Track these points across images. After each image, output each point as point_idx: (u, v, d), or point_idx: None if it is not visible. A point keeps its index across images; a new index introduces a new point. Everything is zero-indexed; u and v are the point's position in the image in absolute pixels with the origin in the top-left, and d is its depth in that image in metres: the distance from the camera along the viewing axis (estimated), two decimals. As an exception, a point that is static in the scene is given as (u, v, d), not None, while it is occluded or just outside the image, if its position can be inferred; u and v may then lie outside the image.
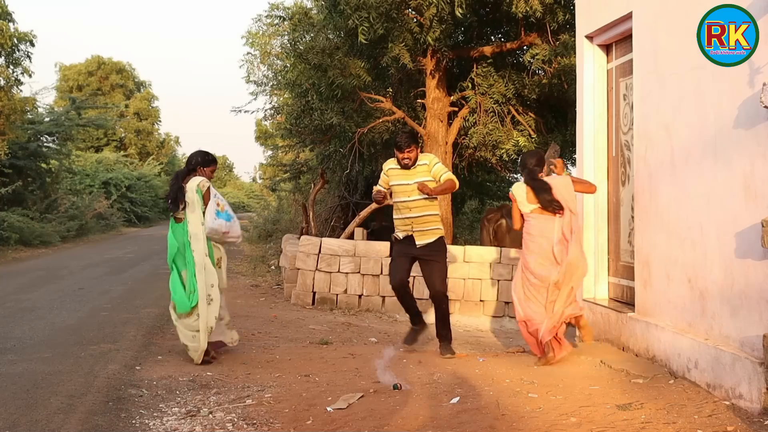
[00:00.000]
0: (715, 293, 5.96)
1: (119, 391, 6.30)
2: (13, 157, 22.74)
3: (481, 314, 11.36)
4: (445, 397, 5.95)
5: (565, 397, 5.87)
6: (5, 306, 10.68)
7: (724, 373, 5.65)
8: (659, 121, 6.86)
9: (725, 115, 5.79)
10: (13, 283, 13.33)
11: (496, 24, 15.57)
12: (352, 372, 7.04)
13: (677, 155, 6.55)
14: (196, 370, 7.06)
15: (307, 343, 8.66)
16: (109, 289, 12.75)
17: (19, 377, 6.62)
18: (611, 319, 7.75)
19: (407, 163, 7.69)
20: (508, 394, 6.01)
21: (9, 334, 8.60)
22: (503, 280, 11.20)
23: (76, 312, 10.25)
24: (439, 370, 6.97)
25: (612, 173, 8.38)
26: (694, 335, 6.18)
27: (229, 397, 6.18)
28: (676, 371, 6.35)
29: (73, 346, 8.01)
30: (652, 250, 7.02)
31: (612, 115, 8.38)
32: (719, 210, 5.90)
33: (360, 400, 5.92)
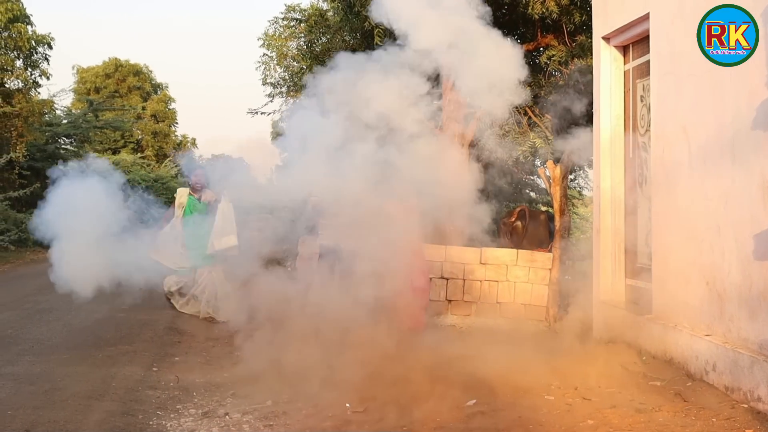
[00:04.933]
0: (733, 295, 5.93)
1: (136, 392, 6.33)
2: (31, 159, 22.87)
3: (498, 316, 11.32)
4: (461, 399, 5.93)
5: (582, 399, 5.85)
6: (23, 307, 10.73)
7: (742, 375, 5.62)
8: (677, 122, 6.83)
9: (743, 117, 5.75)
10: (31, 285, 13.39)
11: (512, 25, 15.52)
12: (370, 372, 7.02)
13: (695, 156, 6.52)
14: (213, 372, 7.08)
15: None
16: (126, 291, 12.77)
17: (37, 378, 6.66)
18: (628, 321, 7.71)
19: None
20: (525, 396, 5.98)
21: (27, 335, 8.65)
22: (520, 282, 11.16)
23: (93, 313, 10.28)
24: (454, 371, 6.95)
25: (629, 175, 8.35)
26: (712, 337, 6.15)
27: (246, 399, 6.18)
28: (693, 374, 6.31)
29: (90, 347, 8.06)
30: (669, 252, 6.99)
31: (629, 117, 8.35)
32: (737, 211, 5.87)
33: (377, 401, 5.91)
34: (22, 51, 21.12)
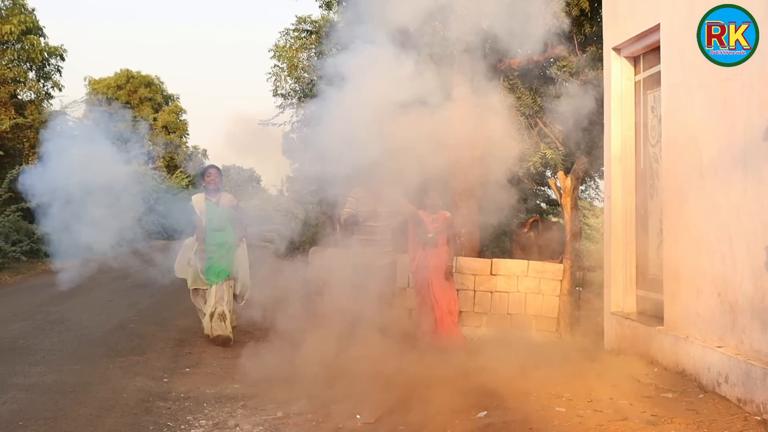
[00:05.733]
0: (746, 307, 5.90)
1: (147, 403, 6.34)
2: (43, 170, 22.96)
3: (509, 327, 11.29)
4: (472, 411, 5.92)
5: (593, 411, 5.82)
6: (35, 318, 10.76)
7: (755, 387, 5.58)
8: (688, 133, 6.81)
9: (755, 128, 5.74)
10: (42, 295, 13.43)
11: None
12: (381, 384, 7.02)
13: (706, 167, 6.50)
14: (224, 383, 7.09)
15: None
16: (137, 302, 12.80)
17: (48, 388, 6.68)
18: (639, 333, 7.68)
19: None
20: (536, 407, 5.97)
21: (39, 345, 8.67)
22: (530, 293, 11.13)
23: (104, 324, 10.31)
24: (466, 382, 6.93)
25: (640, 186, 8.33)
26: (725, 349, 6.11)
27: (256, 410, 6.18)
28: (705, 385, 6.28)
29: (101, 358, 8.07)
30: (680, 263, 6.96)
31: (640, 128, 8.33)
32: (749, 223, 5.85)
33: (388, 413, 5.90)
34: (34, 63, 21.26)
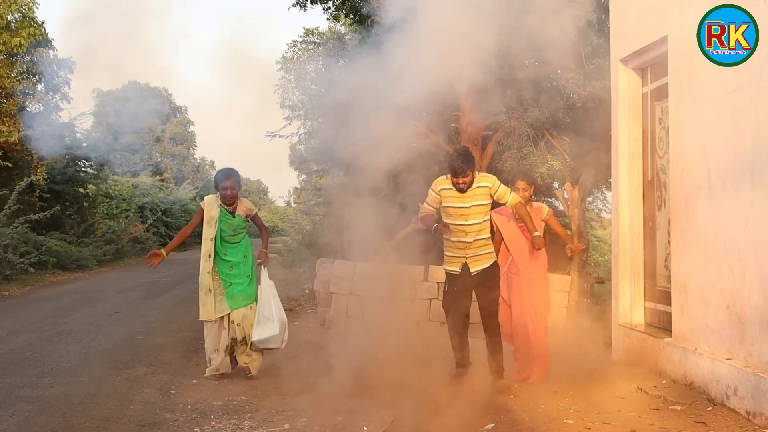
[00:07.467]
0: (755, 319, 5.88)
1: (154, 415, 6.33)
2: (51, 182, 23.05)
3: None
4: (479, 423, 5.90)
5: (601, 423, 5.80)
6: (43, 329, 10.78)
7: (764, 400, 5.56)
8: (695, 144, 6.80)
9: (763, 138, 5.73)
10: (50, 307, 13.46)
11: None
12: (389, 396, 7.00)
13: (714, 179, 6.49)
14: (231, 395, 7.07)
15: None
16: (144, 313, 12.82)
17: (56, 400, 6.68)
18: (648, 345, 7.66)
19: (463, 188, 7.18)
20: (544, 420, 5.96)
21: (46, 357, 8.68)
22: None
23: (112, 336, 10.32)
24: (473, 394, 6.91)
25: (648, 197, 8.32)
26: (733, 361, 6.09)
27: (263, 422, 6.17)
28: (714, 398, 6.26)
29: (108, 369, 8.07)
30: (689, 274, 6.94)
31: (647, 139, 8.32)
32: (758, 234, 5.83)
33: (394, 425, 5.89)
34: (43, 75, 21.34)
